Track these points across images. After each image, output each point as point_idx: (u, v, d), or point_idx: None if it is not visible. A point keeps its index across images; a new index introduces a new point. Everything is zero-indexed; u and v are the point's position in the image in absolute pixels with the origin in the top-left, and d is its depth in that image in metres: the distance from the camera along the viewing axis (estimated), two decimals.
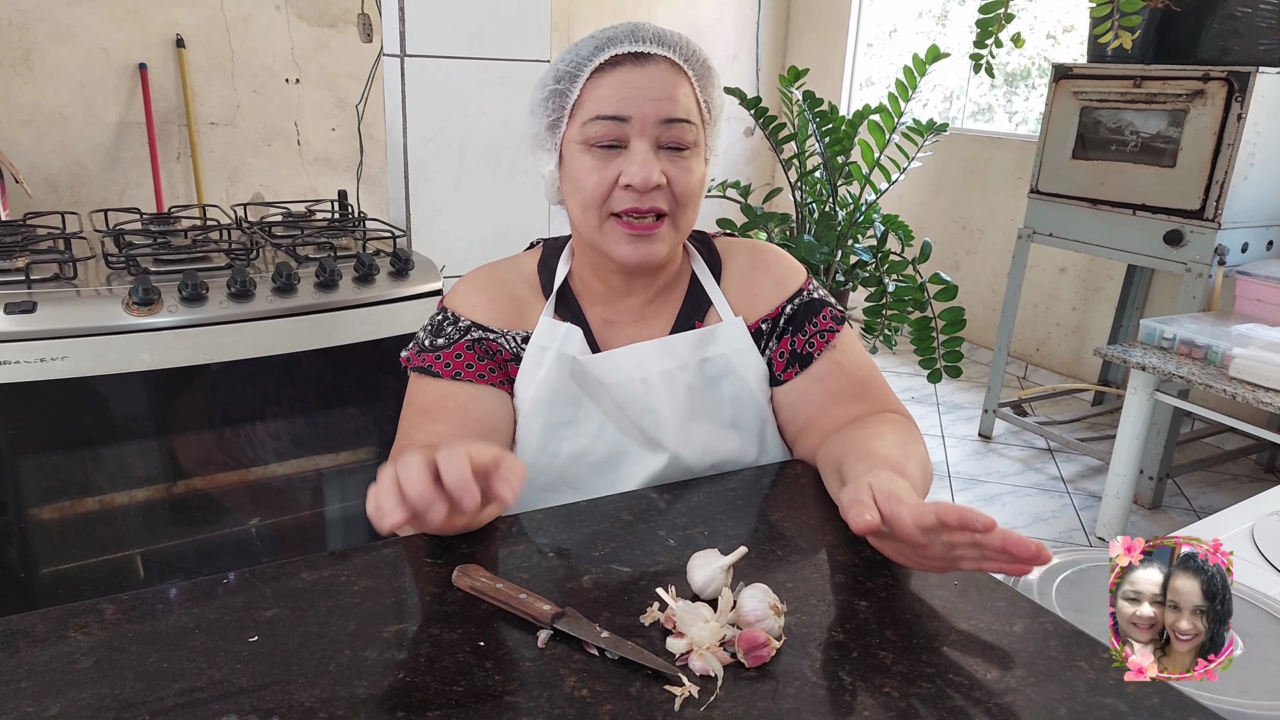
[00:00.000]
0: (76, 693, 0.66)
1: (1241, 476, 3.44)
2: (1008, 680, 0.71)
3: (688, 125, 1.00)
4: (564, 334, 1.07)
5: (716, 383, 1.11)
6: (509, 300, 1.10)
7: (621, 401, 1.07)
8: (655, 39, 1.00)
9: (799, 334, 1.12)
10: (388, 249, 1.98)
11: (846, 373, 1.11)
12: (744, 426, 1.12)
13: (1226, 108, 2.81)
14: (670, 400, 1.08)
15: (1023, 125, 4.74)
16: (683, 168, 1.01)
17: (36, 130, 3.69)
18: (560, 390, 1.06)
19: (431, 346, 1.07)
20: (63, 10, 3.61)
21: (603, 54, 0.99)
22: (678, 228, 1.04)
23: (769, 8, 5.60)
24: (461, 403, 1.03)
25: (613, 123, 0.98)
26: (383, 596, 0.81)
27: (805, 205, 3.67)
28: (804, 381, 1.11)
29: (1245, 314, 2.82)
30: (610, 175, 0.99)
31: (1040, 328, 4.48)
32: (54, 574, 1.68)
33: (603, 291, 1.11)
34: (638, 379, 1.08)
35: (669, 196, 1.01)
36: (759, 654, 0.71)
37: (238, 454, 1.81)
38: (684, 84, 1.01)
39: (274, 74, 4.09)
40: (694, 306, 1.13)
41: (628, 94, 0.98)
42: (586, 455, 1.07)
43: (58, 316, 1.54)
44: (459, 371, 1.05)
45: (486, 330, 1.08)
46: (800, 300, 1.14)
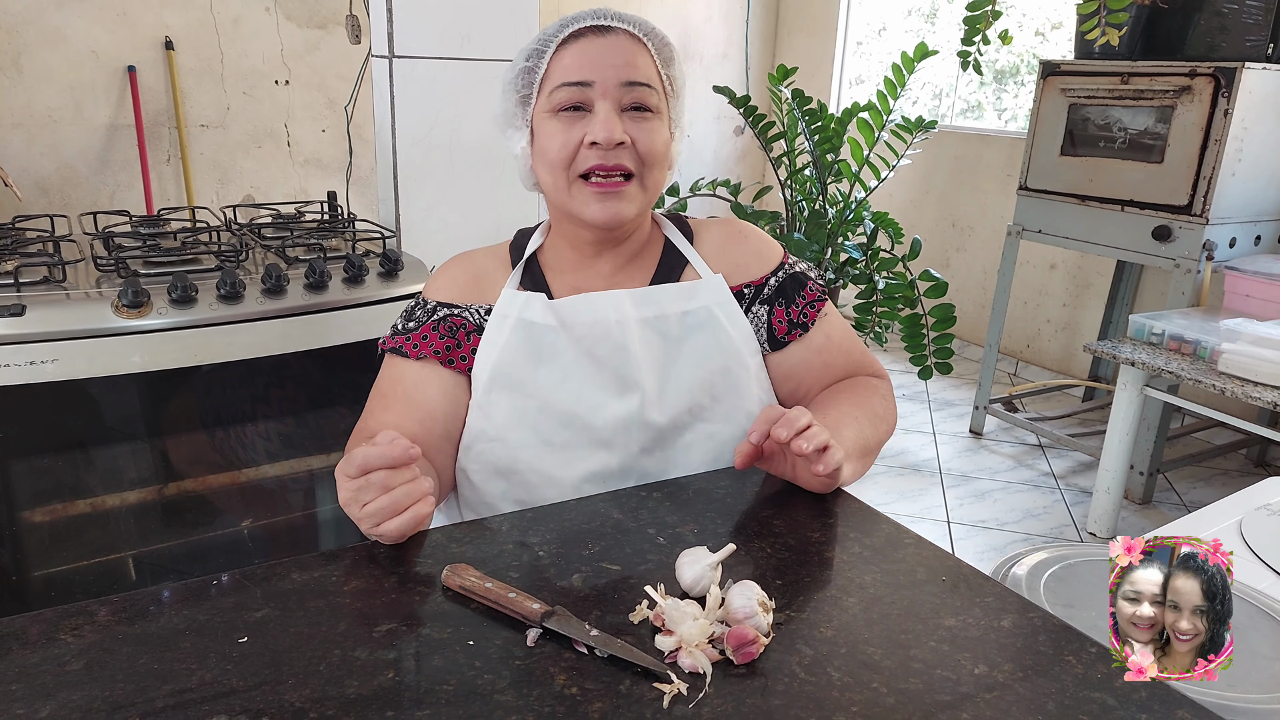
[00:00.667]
0: (67, 694, 0.66)
1: (1231, 471, 3.46)
2: (996, 675, 0.72)
3: (649, 89, 1.05)
4: (524, 301, 1.10)
5: (698, 333, 1.12)
6: (472, 276, 1.15)
7: (591, 342, 1.09)
8: (617, 16, 1.06)
9: (791, 305, 1.16)
10: (377, 250, 1.98)
11: (835, 344, 1.19)
12: (730, 377, 1.13)
13: (1213, 104, 2.83)
14: (645, 344, 1.10)
15: (1012, 122, 4.75)
16: (646, 129, 1.05)
17: (26, 133, 3.68)
18: (519, 351, 1.09)
19: (403, 329, 1.12)
20: (52, 13, 3.60)
21: (567, 29, 1.05)
22: (645, 188, 1.08)
23: (758, 6, 5.61)
24: (408, 389, 1.09)
25: (576, 88, 1.03)
26: (373, 596, 0.81)
27: (795, 203, 3.68)
28: (802, 351, 1.16)
29: (1234, 309, 2.84)
30: (575, 137, 1.04)
31: (1030, 324, 4.50)
32: (46, 576, 1.68)
33: (573, 259, 1.14)
34: (613, 319, 1.10)
35: (634, 156, 1.05)
36: (748, 651, 0.72)
37: (229, 455, 1.81)
38: (644, 54, 1.06)
39: (264, 75, 4.09)
40: (669, 268, 1.16)
41: (589, 59, 1.03)
42: (549, 407, 1.08)
43: (47, 319, 1.53)
44: (424, 353, 1.09)
45: (451, 307, 1.12)
46: (785, 272, 1.18)
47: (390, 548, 0.90)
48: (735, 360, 1.13)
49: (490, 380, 1.08)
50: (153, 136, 3.91)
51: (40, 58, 3.62)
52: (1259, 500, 1.38)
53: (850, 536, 0.94)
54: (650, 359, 1.10)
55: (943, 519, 3.00)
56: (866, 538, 0.94)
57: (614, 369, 1.09)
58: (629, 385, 1.09)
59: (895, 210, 4.42)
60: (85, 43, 3.69)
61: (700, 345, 1.12)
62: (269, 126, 4.16)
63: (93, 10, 3.67)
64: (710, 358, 1.12)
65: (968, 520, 3.00)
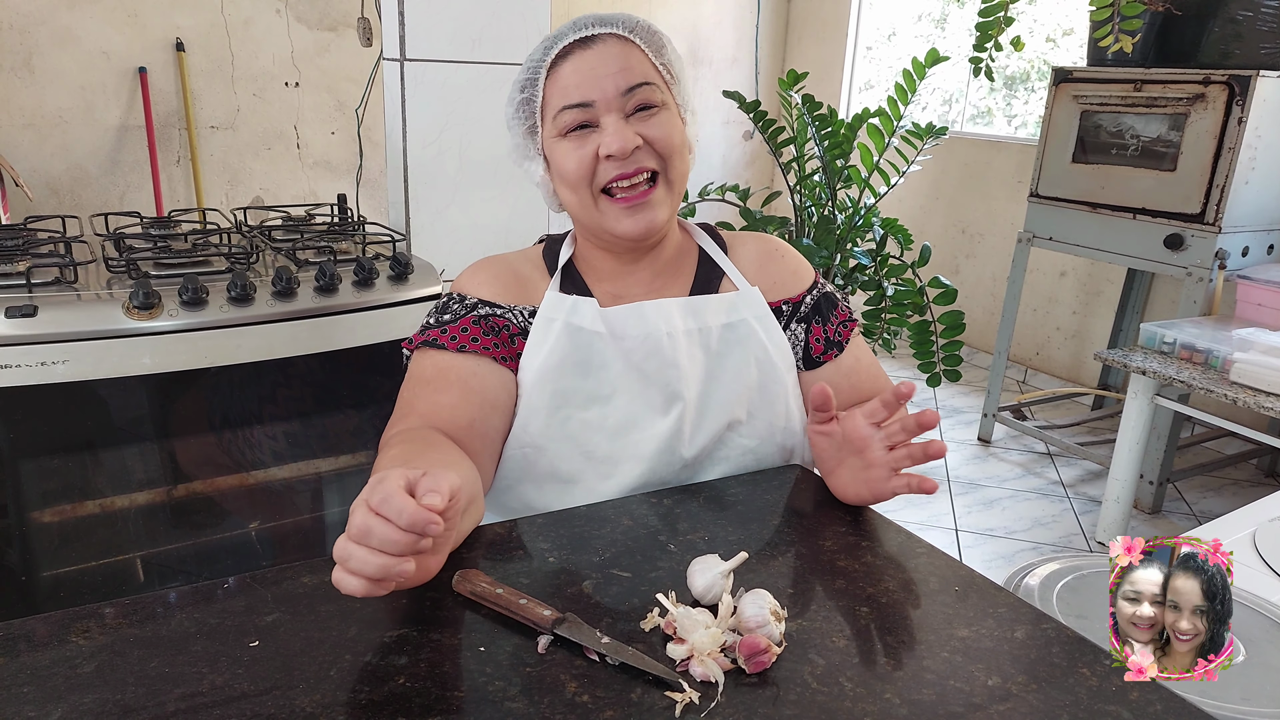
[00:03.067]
0: (78, 697, 0.66)
1: (1242, 481, 3.44)
2: (1009, 687, 0.71)
3: (650, 86, 1.03)
4: (571, 305, 1.08)
5: (737, 347, 1.12)
6: (514, 278, 1.12)
7: (642, 356, 1.07)
8: (598, 21, 1.04)
9: (827, 324, 1.17)
10: (387, 253, 1.98)
11: (864, 367, 1.20)
12: (767, 393, 1.12)
13: (1227, 111, 2.81)
14: (691, 359, 1.09)
15: (1022, 129, 4.74)
16: (658, 124, 1.04)
17: (37, 134, 3.69)
18: (568, 358, 1.06)
19: (438, 323, 1.08)
20: (64, 14, 3.62)
21: (552, 51, 1.03)
22: (670, 183, 1.06)
23: (768, 11, 5.61)
24: (463, 375, 1.04)
25: (579, 109, 1.02)
26: (383, 601, 0.81)
27: (804, 209, 3.67)
28: (833, 372, 1.17)
29: (1246, 318, 2.82)
30: (589, 152, 1.02)
31: (1040, 332, 4.48)
32: (54, 577, 1.68)
33: (610, 268, 1.13)
34: (664, 331, 1.08)
35: (653, 153, 1.04)
36: (760, 660, 0.71)
37: (237, 457, 1.81)
38: (634, 52, 1.04)
39: (274, 77, 4.10)
40: (707, 279, 1.15)
41: (583, 77, 1.02)
42: (599, 422, 1.07)
43: (58, 320, 1.54)
44: (464, 345, 1.05)
45: (493, 306, 1.09)
46: (818, 291, 1.19)
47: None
48: (772, 376, 1.12)
49: (535, 385, 1.06)
50: (163, 138, 3.92)
51: (51, 58, 3.64)
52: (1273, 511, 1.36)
53: (862, 545, 0.93)
54: (695, 373, 1.09)
55: (950, 527, 2.99)
56: (879, 546, 0.93)
57: (661, 385, 1.07)
58: (674, 401, 1.07)
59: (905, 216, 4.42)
60: (96, 44, 3.71)
61: (739, 359, 1.11)
62: (279, 128, 4.18)
63: (104, 11, 3.69)
64: (748, 372, 1.11)
65: (976, 528, 2.99)
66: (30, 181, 3.59)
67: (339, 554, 0.67)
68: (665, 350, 1.08)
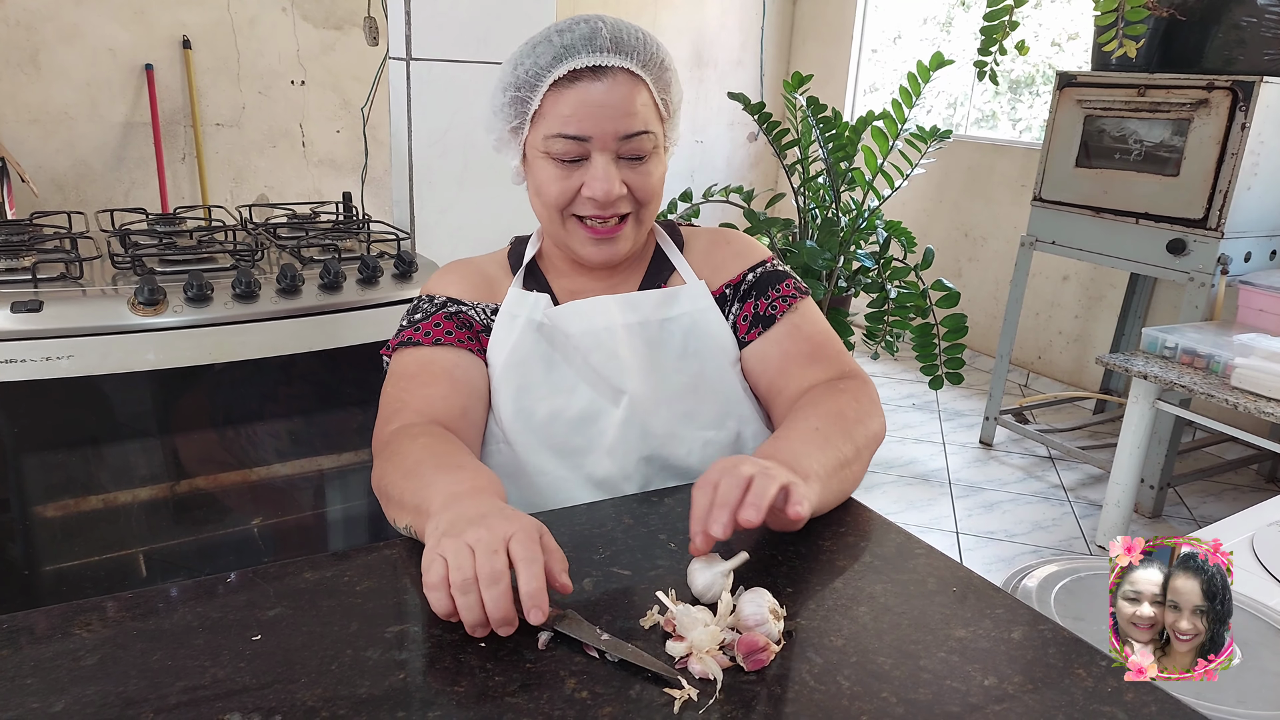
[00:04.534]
0: (81, 689, 0.67)
1: (1242, 486, 3.43)
2: (1005, 687, 0.72)
3: (647, 136, 1.04)
4: (532, 301, 1.11)
5: (678, 340, 1.13)
6: (480, 277, 1.16)
7: (586, 350, 1.10)
8: (613, 45, 1.01)
9: (761, 298, 1.15)
10: (392, 251, 1.99)
11: (804, 334, 1.14)
12: (709, 384, 1.13)
13: (1230, 117, 2.82)
14: (632, 350, 1.11)
15: (1026, 133, 4.74)
16: (643, 173, 1.05)
17: (43, 129, 3.70)
18: (531, 353, 1.09)
19: (410, 324, 1.12)
20: (70, 10, 3.63)
21: (561, 66, 1.00)
22: (640, 223, 1.09)
23: (773, 14, 5.61)
24: (447, 368, 1.07)
25: (574, 142, 1.02)
26: (385, 597, 0.81)
27: (808, 211, 3.67)
28: (763, 344, 1.14)
29: (1248, 324, 2.82)
30: (573, 186, 1.04)
31: (1042, 335, 4.49)
32: (57, 572, 1.69)
33: (569, 266, 1.16)
34: (601, 327, 1.11)
35: (631, 200, 1.06)
36: (758, 658, 0.72)
37: (240, 454, 1.81)
38: (642, 92, 1.03)
39: (280, 75, 4.11)
40: (657, 273, 1.18)
41: (587, 112, 1.01)
42: (561, 414, 1.09)
43: (64, 315, 1.54)
44: (439, 339, 1.08)
45: (460, 303, 1.12)
46: (763, 269, 1.18)
47: (403, 550, 0.90)
48: (715, 366, 1.13)
49: (501, 379, 1.09)
50: (168, 135, 3.94)
51: (58, 55, 3.65)
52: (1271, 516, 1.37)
53: (861, 545, 0.94)
54: (638, 365, 1.10)
55: (951, 529, 2.99)
56: (877, 547, 0.94)
57: (607, 377, 1.10)
58: (619, 394, 1.09)
59: (908, 219, 4.42)
60: (103, 40, 3.72)
61: (681, 351, 1.13)
62: (284, 126, 4.19)
63: (110, 8, 3.70)
64: (691, 364, 1.13)
65: (976, 531, 2.99)
66: (36, 177, 3.60)
67: (459, 583, 0.72)
68: (606, 344, 1.10)
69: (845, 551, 0.92)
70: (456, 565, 0.72)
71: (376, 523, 2.03)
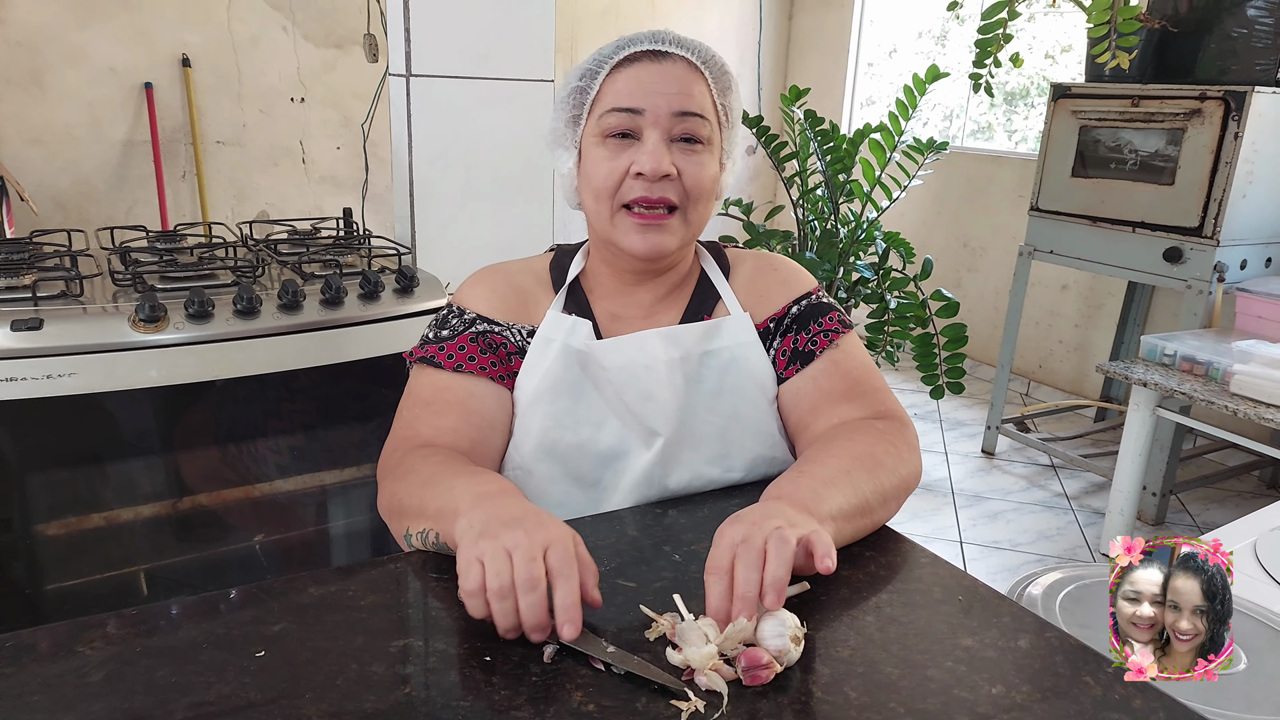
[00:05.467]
0: (87, 706, 0.67)
1: (1244, 493, 3.43)
2: (1014, 696, 0.72)
3: (701, 120, 1.02)
4: (570, 326, 1.07)
5: (715, 376, 1.10)
6: (513, 293, 1.11)
7: (620, 386, 1.06)
8: (676, 41, 1.03)
9: (802, 333, 1.12)
10: (393, 266, 1.99)
11: (842, 371, 1.10)
12: (743, 422, 1.10)
13: (1224, 126, 2.83)
14: (670, 387, 1.08)
15: (1022, 144, 4.76)
16: (694, 161, 1.02)
17: (46, 149, 3.72)
18: (563, 381, 1.06)
19: (436, 338, 1.08)
20: (74, 32, 3.65)
21: (623, 51, 1.02)
22: (688, 222, 1.05)
23: (770, 28, 5.65)
24: (461, 397, 1.04)
25: (627, 114, 1.01)
26: (390, 611, 0.81)
27: (807, 223, 3.68)
28: (800, 380, 1.10)
29: (1246, 330, 2.83)
30: (622, 165, 1.01)
31: (1042, 344, 4.49)
32: (60, 590, 1.69)
33: (614, 286, 1.12)
34: (640, 364, 1.07)
35: (680, 189, 1.02)
36: (758, 674, 0.71)
37: (243, 470, 1.81)
38: (700, 83, 1.03)
39: (280, 94, 4.13)
40: (701, 302, 1.14)
41: (642, 86, 1.01)
42: (588, 446, 1.07)
43: (65, 333, 1.55)
44: (460, 364, 1.05)
45: (491, 323, 1.09)
46: (808, 302, 1.14)
47: (410, 565, 0.90)
48: (751, 404, 1.10)
49: (529, 407, 1.06)
50: (169, 153, 3.95)
51: (61, 75, 3.67)
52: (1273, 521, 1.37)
53: (867, 555, 0.94)
54: (675, 406, 1.07)
55: (955, 539, 2.99)
56: (883, 556, 0.94)
57: (641, 416, 1.06)
58: (653, 436, 1.06)
59: (907, 230, 4.43)
60: (104, 60, 3.74)
61: (717, 388, 1.09)
62: (285, 144, 4.20)
63: (113, 29, 3.72)
64: (726, 402, 1.09)
65: (981, 541, 2.98)
66: (37, 197, 3.61)
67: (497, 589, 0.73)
68: (643, 382, 1.06)
69: (850, 561, 0.92)
70: (495, 571, 0.72)
71: (379, 538, 2.03)
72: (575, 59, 4.95)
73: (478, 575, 0.73)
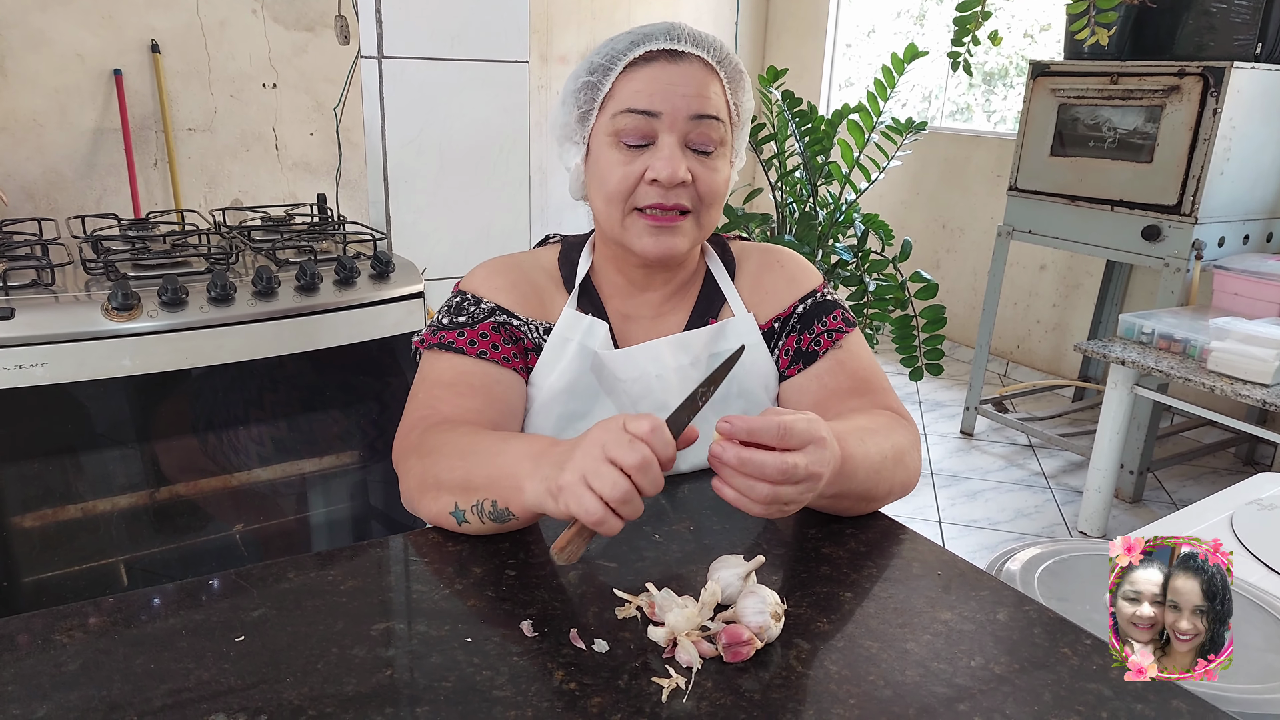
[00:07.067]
0: (64, 695, 0.66)
1: (1221, 469, 3.48)
2: (992, 668, 0.72)
3: (716, 123, 1.01)
4: (587, 326, 1.07)
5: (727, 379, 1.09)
6: (531, 288, 1.10)
7: (636, 397, 1.07)
8: (691, 39, 1.01)
9: (806, 332, 1.12)
10: (368, 252, 1.97)
11: (847, 370, 1.10)
12: None
13: (1202, 103, 2.85)
14: (682, 395, 1.06)
15: (1001, 124, 4.78)
16: (709, 167, 1.01)
17: (11, 137, 3.65)
18: (579, 381, 1.06)
19: (452, 324, 1.06)
20: (36, 15, 3.58)
21: (638, 49, 1.00)
22: (700, 225, 1.04)
23: (747, 8, 5.62)
24: (485, 382, 1.03)
25: (643, 117, 0.99)
26: (369, 595, 0.81)
27: (786, 205, 3.68)
28: (803, 379, 1.10)
29: (1223, 308, 2.86)
30: (636, 170, 1.00)
31: (1021, 325, 4.52)
32: (36, 582, 1.67)
33: (623, 285, 1.11)
34: (653, 375, 1.07)
35: (693, 195, 1.01)
36: (738, 650, 0.71)
37: (220, 459, 1.80)
38: (715, 83, 1.02)
39: (251, 79, 4.07)
40: (708, 303, 1.14)
41: (659, 88, 0.99)
42: None
43: (36, 323, 1.52)
44: (484, 350, 1.04)
45: (511, 315, 1.07)
46: (813, 300, 1.14)
47: (390, 549, 0.89)
48: (757, 405, 1.10)
49: (544, 406, 1.06)
50: (139, 140, 3.89)
51: (24, 61, 3.60)
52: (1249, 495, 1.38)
53: (847, 532, 0.94)
54: None
55: (934, 519, 3.01)
56: (863, 534, 0.94)
57: None
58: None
59: (885, 212, 4.43)
60: (70, 46, 3.67)
61: (726, 390, 1.09)
62: (257, 130, 4.15)
63: (77, 13, 3.65)
64: (733, 404, 1.10)
65: (960, 520, 3.01)
66: (5, 186, 3.55)
67: (619, 497, 0.71)
68: (656, 393, 1.07)
69: (831, 538, 0.93)
70: (610, 482, 0.71)
71: (360, 525, 2.02)
72: (550, 40, 4.91)
73: (593, 500, 0.72)
